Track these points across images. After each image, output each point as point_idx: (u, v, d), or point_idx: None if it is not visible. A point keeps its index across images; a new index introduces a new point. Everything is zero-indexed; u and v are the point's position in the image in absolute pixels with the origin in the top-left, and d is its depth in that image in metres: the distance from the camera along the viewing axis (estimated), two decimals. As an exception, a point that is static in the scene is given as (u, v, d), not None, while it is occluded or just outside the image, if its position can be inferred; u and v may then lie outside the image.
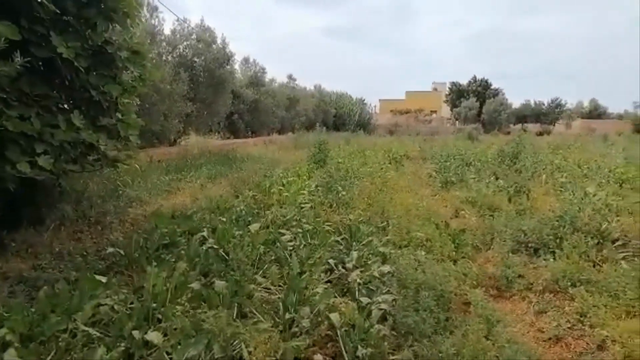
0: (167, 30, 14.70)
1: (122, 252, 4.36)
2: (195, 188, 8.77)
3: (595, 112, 58.21)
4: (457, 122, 52.98)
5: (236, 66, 20.67)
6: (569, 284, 4.05)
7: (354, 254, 4.40)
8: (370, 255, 4.52)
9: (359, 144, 22.37)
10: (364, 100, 48.66)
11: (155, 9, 13.52)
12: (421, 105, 61.36)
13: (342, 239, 5.11)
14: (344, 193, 7.60)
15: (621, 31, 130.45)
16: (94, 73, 4.95)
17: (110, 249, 4.43)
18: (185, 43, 15.15)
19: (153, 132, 12.56)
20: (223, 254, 4.33)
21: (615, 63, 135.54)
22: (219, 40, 16.25)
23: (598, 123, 51.35)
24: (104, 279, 3.39)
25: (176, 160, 12.55)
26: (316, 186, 8.25)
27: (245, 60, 23.91)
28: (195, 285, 3.44)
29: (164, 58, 13.90)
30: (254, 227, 5.14)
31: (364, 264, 4.27)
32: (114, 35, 5.13)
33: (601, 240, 4.93)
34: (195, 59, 15.29)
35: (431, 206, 7.46)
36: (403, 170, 12.80)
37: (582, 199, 7.15)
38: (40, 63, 4.60)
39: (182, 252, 4.33)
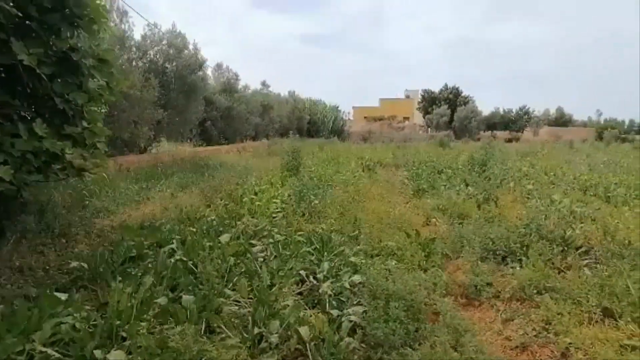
0: (137, 36, 14.51)
1: (86, 266, 4.22)
2: (165, 197, 8.61)
3: (561, 120, 60.28)
4: (429, 129, 53.83)
5: (209, 72, 20.59)
6: (535, 291, 4.13)
7: (325, 265, 4.39)
8: (341, 266, 4.52)
9: (333, 150, 22.45)
10: (338, 107, 49.14)
11: (125, 13, 13.31)
12: (394, 112, 62.16)
13: (314, 249, 5.09)
14: (316, 202, 7.59)
15: (588, 42, 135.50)
16: (58, 80, 4.81)
17: (74, 263, 4.28)
18: (156, 48, 14.95)
19: (122, 140, 12.30)
20: (192, 266, 4.25)
21: (581, 73, 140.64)
22: (190, 46, 16.11)
23: (564, 130, 53.25)
24: (64, 296, 3.27)
25: (146, 169, 12.32)
26: (289, 195, 8.21)
27: (219, 66, 23.81)
28: (161, 300, 3.36)
29: (133, 64, 13.67)
30: (225, 238, 5.07)
31: (335, 275, 4.26)
32: (80, 42, 5.00)
33: (565, 248, 5.06)
34: (167, 65, 15.10)
35: (403, 214, 7.51)
36: (376, 177, 12.88)
37: (548, 206, 7.34)
38: (1, 69, 4.45)
39: (150, 265, 4.24)
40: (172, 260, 4.34)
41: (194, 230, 5.62)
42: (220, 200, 7.93)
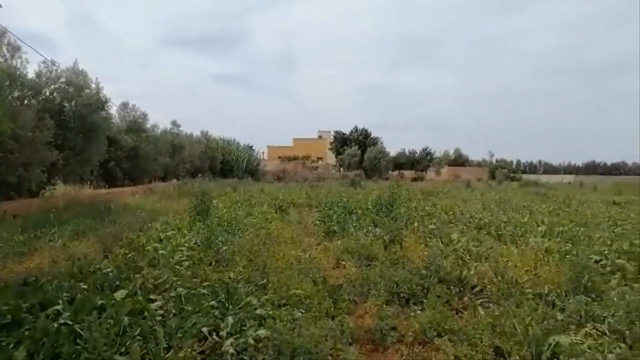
0: (31, 73, 13.45)
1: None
2: (56, 248, 7.83)
3: (459, 160, 65.60)
4: (341, 168, 55.56)
5: (113, 111, 19.59)
6: (435, 334, 4.29)
7: (230, 319, 4.20)
8: (247, 319, 4.36)
9: (246, 191, 22.22)
10: (252, 146, 49.15)
11: (18, 48, 12.33)
12: (308, 152, 63.43)
13: (219, 301, 4.87)
14: (225, 248, 7.36)
15: (483, 91, 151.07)
16: None
17: None
18: (52, 86, 13.94)
19: (8, 184, 11.11)
20: (79, 330, 3.83)
21: (475, 118, 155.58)
22: (92, 85, 15.25)
23: (462, 169, 58.04)
24: None
25: (37, 215, 11.20)
26: (196, 242, 7.88)
27: (124, 105, 22.80)
28: (37, 376, 2.97)
29: (25, 102, 12.60)
30: (120, 294, 4.69)
31: (239, 330, 4.09)
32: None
33: (462, 288, 5.37)
34: (65, 104, 14.11)
35: (314, 257, 7.53)
36: (289, 219, 12.88)
37: (447, 245, 7.80)
38: None
39: (27, 332, 3.75)
40: (56, 324, 3.88)
41: (86, 286, 5.12)
42: (120, 250, 7.37)
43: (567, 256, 7.02)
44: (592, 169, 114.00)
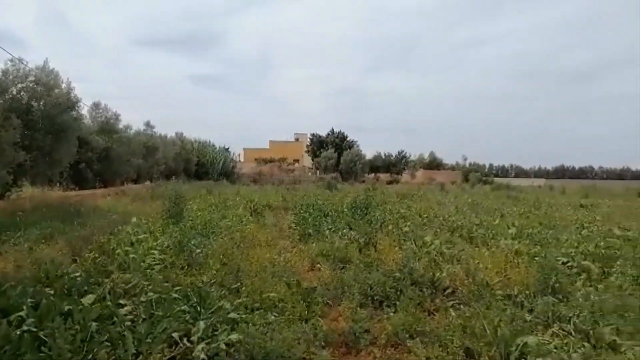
0: (-2, 71, 12.99)
1: None
2: (22, 251, 7.57)
3: (434, 163, 66.50)
4: (317, 171, 55.57)
5: (84, 111, 19.05)
6: (407, 335, 4.34)
7: (201, 324, 4.14)
8: (219, 323, 4.30)
9: (221, 193, 21.99)
10: (227, 148, 48.70)
11: (-17, 45, 11.91)
12: (284, 154, 63.26)
13: (190, 305, 4.80)
14: (198, 251, 7.27)
15: (458, 94, 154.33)
16: None
17: None
18: (20, 85, 13.50)
19: (-28, 186, 10.71)
20: (44, 337, 3.71)
21: (450, 120, 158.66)
22: (63, 85, 14.83)
23: (436, 173, 58.85)
24: None
25: (1, 218, 10.83)
26: (168, 245, 7.76)
27: (96, 106, 22.23)
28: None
29: (-10, 101, 12.17)
30: (88, 299, 4.57)
31: (211, 335, 4.04)
32: None
33: (434, 290, 5.44)
34: (33, 103, 13.67)
35: (288, 260, 7.51)
36: (264, 221, 12.81)
37: (421, 248, 7.89)
38: None
39: (-12, 340, 3.61)
40: (19, 331, 3.75)
41: (52, 291, 4.97)
42: (90, 253, 7.19)
43: (536, 258, 7.20)
44: (562, 172, 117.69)
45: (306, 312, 5.04)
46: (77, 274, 5.78)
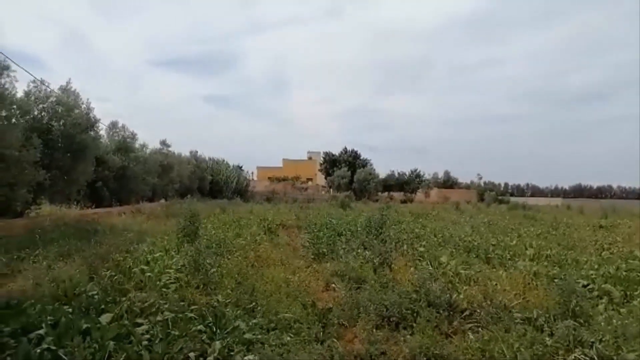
0: (20, 92, 13.39)
1: None
2: (40, 269, 7.66)
3: (448, 182, 66.11)
4: (331, 189, 55.59)
5: (102, 131, 19.48)
6: (425, 359, 4.26)
7: (217, 344, 4.14)
8: (235, 344, 4.29)
9: (235, 212, 22.09)
10: (241, 167, 49.07)
11: (7, 67, 12.29)
12: (298, 172, 63.52)
13: (206, 325, 4.80)
14: (213, 270, 7.29)
15: (471, 114, 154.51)
16: None
17: None
18: (41, 106, 13.88)
19: (-7, 204, 10.94)
20: (63, 356, 3.75)
21: (463, 140, 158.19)
22: (83, 105, 15.22)
23: (451, 191, 58.44)
24: None
25: (21, 236, 11.00)
26: (184, 264, 7.79)
27: (113, 125, 22.69)
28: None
29: (13, 121, 12.49)
30: (106, 318, 4.61)
31: (227, 355, 4.03)
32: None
33: (451, 312, 5.36)
34: (53, 123, 14.03)
35: (303, 280, 7.48)
36: (278, 240, 12.81)
37: (437, 268, 7.80)
38: None
39: (9, 358, 3.65)
40: (39, 349, 3.79)
41: (70, 309, 5.02)
42: (106, 272, 7.25)
43: (555, 280, 7.06)
44: (579, 192, 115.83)
45: (321, 333, 5.01)
46: (95, 292, 5.84)
